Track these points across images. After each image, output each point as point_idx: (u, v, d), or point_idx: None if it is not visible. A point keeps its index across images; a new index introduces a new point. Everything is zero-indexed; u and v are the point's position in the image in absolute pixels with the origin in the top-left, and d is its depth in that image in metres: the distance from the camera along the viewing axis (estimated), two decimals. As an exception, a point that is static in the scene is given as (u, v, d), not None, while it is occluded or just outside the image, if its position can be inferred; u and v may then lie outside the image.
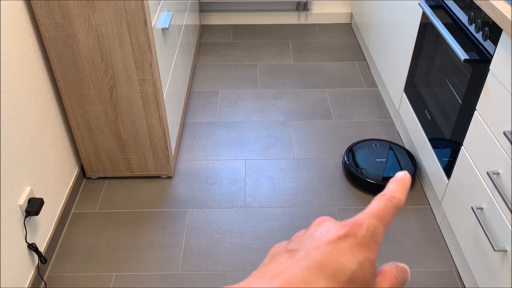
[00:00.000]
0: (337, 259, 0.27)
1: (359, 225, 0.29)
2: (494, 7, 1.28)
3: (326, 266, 0.27)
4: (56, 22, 1.54)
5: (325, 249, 0.27)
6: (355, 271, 0.27)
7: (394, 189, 0.31)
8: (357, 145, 2.10)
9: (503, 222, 1.27)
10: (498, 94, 1.30)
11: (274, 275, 0.27)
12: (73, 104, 1.76)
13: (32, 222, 1.56)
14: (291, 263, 0.27)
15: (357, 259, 0.27)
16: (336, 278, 0.26)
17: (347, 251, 0.27)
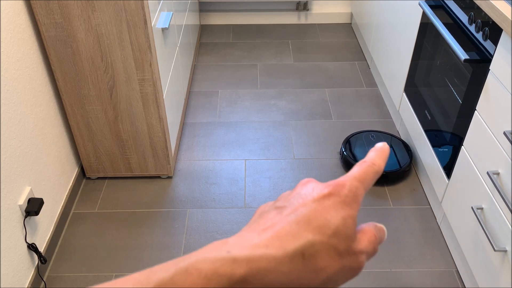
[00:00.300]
0: (323, 215, 0.29)
1: (342, 185, 0.31)
2: (494, 7, 1.28)
3: (312, 221, 0.29)
4: (56, 22, 1.54)
5: (311, 206, 0.30)
6: (339, 226, 0.29)
7: (374, 156, 0.34)
8: (354, 136, 2.17)
9: (503, 222, 1.27)
10: (498, 94, 1.30)
11: (265, 229, 0.29)
12: (73, 104, 1.76)
13: (32, 222, 1.56)
14: (280, 218, 0.29)
15: (341, 215, 0.30)
16: (321, 231, 0.29)
17: (331, 208, 0.30)
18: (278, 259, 0.27)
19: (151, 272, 0.27)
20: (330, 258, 0.29)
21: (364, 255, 0.31)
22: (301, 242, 0.28)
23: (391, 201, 1.92)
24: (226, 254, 0.27)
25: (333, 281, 0.30)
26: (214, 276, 0.26)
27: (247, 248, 0.27)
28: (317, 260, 0.28)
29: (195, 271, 0.26)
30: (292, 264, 0.28)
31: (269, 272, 0.27)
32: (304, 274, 0.28)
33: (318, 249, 0.28)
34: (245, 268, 0.27)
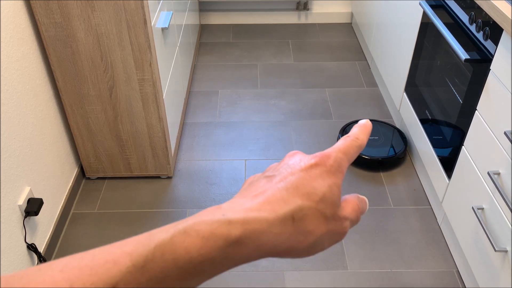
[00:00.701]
0: (310, 183, 0.31)
1: (328, 156, 0.33)
2: (494, 7, 1.28)
3: (300, 188, 0.31)
4: (56, 22, 1.54)
5: (299, 175, 0.32)
6: (325, 193, 0.31)
7: (357, 131, 0.36)
8: (351, 125, 2.23)
9: (504, 222, 1.27)
10: (499, 94, 1.30)
11: (256, 195, 0.31)
12: (72, 104, 1.76)
13: (31, 222, 1.55)
14: (270, 186, 0.32)
15: (327, 183, 0.32)
16: (309, 197, 0.31)
17: (318, 177, 0.32)
18: (270, 221, 0.29)
19: (151, 234, 0.28)
20: (317, 222, 0.31)
21: (348, 222, 0.33)
22: (290, 206, 0.30)
23: (391, 201, 1.92)
24: (221, 216, 0.29)
25: (320, 243, 0.32)
26: (211, 237, 0.28)
27: (241, 211, 0.29)
28: (306, 223, 0.31)
29: (193, 232, 0.28)
30: (282, 226, 0.30)
31: (262, 233, 0.29)
32: (294, 236, 0.30)
33: (307, 213, 0.31)
34: (240, 229, 0.28)
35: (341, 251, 1.72)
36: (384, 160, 2.03)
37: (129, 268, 0.26)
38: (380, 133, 2.17)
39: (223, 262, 0.28)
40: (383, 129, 2.18)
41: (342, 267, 1.66)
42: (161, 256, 0.27)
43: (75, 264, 0.26)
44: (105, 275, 0.26)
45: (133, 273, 0.26)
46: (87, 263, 0.26)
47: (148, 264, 0.26)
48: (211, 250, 0.27)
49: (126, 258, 0.26)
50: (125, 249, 0.27)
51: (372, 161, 2.03)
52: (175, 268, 0.27)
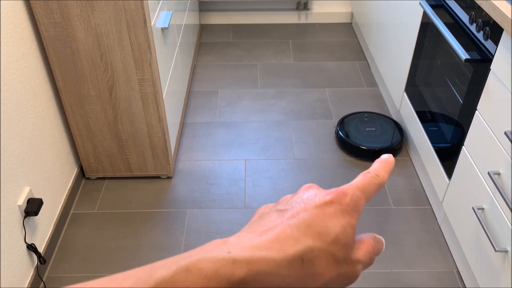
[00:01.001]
0: (323, 222, 0.30)
1: (345, 193, 0.31)
2: (495, 7, 1.28)
3: (313, 227, 0.29)
4: (56, 22, 1.54)
5: (313, 212, 0.30)
6: (338, 234, 0.30)
7: (379, 168, 0.34)
8: (349, 117, 2.29)
9: (504, 222, 1.26)
10: (499, 94, 1.30)
11: (265, 231, 0.30)
12: (72, 104, 1.75)
13: (31, 222, 1.55)
14: (281, 221, 0.30)
15: (341, 224, 0.30)
16: (321, 238, 0.29)
17: (332, 216, 0.30)
18: (278, 262, 0.28)
19: (152, 269, 0.27)
20: (328, 265, 0.30)
21: (361, 265, 0.32)
22: (301, 246, 0.29)
23: (391, 202, 1.91)
24: (226, 254, 0.27)
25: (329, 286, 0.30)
26: (214, 276, 0.27)
27: (247, 249, 0.28)
28: (315, 266, 0.29)
29: (196, 270, 0.27)
30: (291, 268, 0.28)
31: (268, 274, 0.28)
32: (301, 278, 0.29)
33: (317, 254, 0.29)
34: (245, 270, 0.27)
35: (341, 251, 1.71)
36: (381, 150, 2.07)
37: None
38: (377, 124, 2.23)
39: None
40: (380, 121, 2.25)
41: (342, 267, 1.65)
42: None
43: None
44: None
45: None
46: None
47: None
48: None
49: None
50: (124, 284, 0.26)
51: (369, 151, 2.08)
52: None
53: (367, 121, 2.24)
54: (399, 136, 2.15)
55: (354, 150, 2.12)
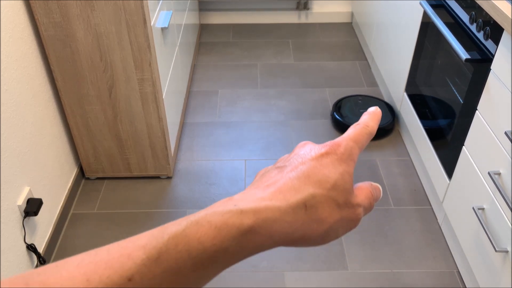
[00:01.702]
0: (321, 171, 0.32)
1: (338, 144, 0.33)
2: (495, 7, 1.28)
3: (312, 177, 0.31)
4: (55, 22, 1.54)
5: (310, 164, 0.32)
6: (337, 180, 0.32)
7: (367, 119, 0.36)
8: (343, 100, 2.40)
9: (505, 222, 1.26)
10: (499, 94, 1.29)
11: (268, 185, 0.31)
12: (72, 104, 1.75)
13: (31, 222, 1.55)
14: (281, 176, 0.32)
15: (338, 171, 0.32)
16: (321, 185, 0.31)
17: (329, 164, 0.32)
18: (282, 209, 0.29)
19: (164, 227, 0.28)
20: (330, 209, 0.31)
21: (361, 208, 0.33)
22: (302, 194, 0.30)
23: (392, 202, 1.91)
24: (233, 207, 0.29)
25: (334, 231, 0.32)
26: (224, 227, 0.28)
27: (252, 201, 0.29)
28: (319, 211, 0.31)
29: (206, 223, 0.28)
30: (295, 215, 0.30)
31: (275, 221, 0.29)
32: (307, 224, 0.30)
33: (319, 200, 0.31)
34: (252, 218, 0.28)
35: (341, 251, 1.71)
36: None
37: (144, 261, 0.26)
38: (369, 106, 2.26)
39: (237, 252, 0.28)
40: (372, 103, 2.39)
41: (342, 267, 1.65)
42: (174, 247, 0.27)
43: (90, 259, 0.27)
44: (120, 269, 0.26)
45: (148, 265, 0.26)
46: (102, 258, 0.27)
47: (162, 256, 0.27)
48: (224, 240, 0.28)
49: (140, 251, 0.27)
50: (138, 243, 0.27)
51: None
52: (189, 258, 0.27)
53: (361, 104, 2.38)
54: (390, 117, 2.26)
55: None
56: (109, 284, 0.25)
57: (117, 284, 0.26)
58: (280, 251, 1.71)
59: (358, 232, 1.79)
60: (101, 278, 0.25)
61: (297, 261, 1.68)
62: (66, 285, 0.25)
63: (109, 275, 0.26)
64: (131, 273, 0.26)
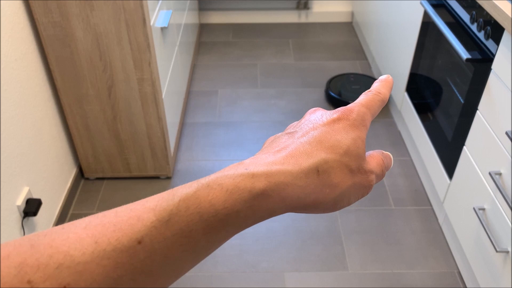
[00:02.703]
0: (334, 136, 0.31)
1: (351, 110, 0.33)
2: (496, 6, 1.27)
3: (324, 142, 0.31)
4: (54, 21, 1.53)
5: (322, 129, 0.32)
6: (350, 146, 0.31)
7: (380, 86, 0.36)
8: (336, 78, 2.54)
9: (505, 222, 1.26)
10: (500, 94, 1.29)
11: (279, 150, 0.31)
12: (71, 104, 1.75)
13: (30, 223, 1.55)
14: (292, 141, 0.31)
15: (351, 136, 0.31)
16: (334, 150, 0.31)
17: (342, 130, 0.32)
18: (294, 173, 0.29)
19: (173, 190, 0.28)
20: (343, 174, 0.31)
21: (374, 175, 0.33)
22: (315, 159, 0.30)
23: (392, 202, 1.91)
24: (244, 170, 0.28)
25: (346, 196, 0.31)
26: (235, 190, 0.27)
27: (264, 165, 0.29)
28: (331, 176, 0.30)
29: (217, 186, 0.27)
30: (307, 179, 0.29)
31: (287, 185, 0.29)
32: (319, 189, 0.30)
33: (331, 165, 0.30)
34: (264, 182, 0.28)
35: (341, 252, 1.71)
36: None
37: (154, 223, 0.26)
38: (361, 83, 2.50)
39: (248, 215, 0.28)
40: (364, 79, 2.53)
41: (342, 268, 1.65)
42: (185, 209, 0.26)
43: (98, 221, 0.26)
44: (130, 231, 0.25)
45: (158, 227, 0.26)
46: (110, 220, 0.26)
47: (173, 218, 0.26)
48: (235, 203, 0.27)
49: (150, 213, 0.26)
50: (147, 205, 0.27)
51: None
52: (200, 221, 0.26)
53: (353, 81, 2.52)
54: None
55: (341, 104, 2.26)
56: (118, 246, 0.25)
57: (126, 246, 0.25)
58: (280, 251, 1.71)
59: (359, 233, 1.78)
60: (110, 240, 0.25)
61: (297, 261, 1.67)
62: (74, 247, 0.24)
63: (118, 237, 0.25)
64: (141, 235, 0.25)
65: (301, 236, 1.77)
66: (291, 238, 1.76)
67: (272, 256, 1.69)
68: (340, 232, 1.78)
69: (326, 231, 1.79)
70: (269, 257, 1.69)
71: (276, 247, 1.73)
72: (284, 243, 1.74)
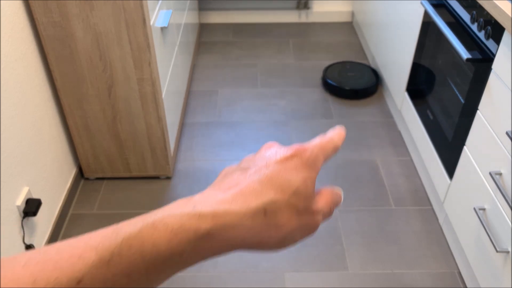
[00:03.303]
0: (285, 175, 0.31)
1: (305, 149, 0.33)
2: (496, 6, 1.27)
3: (274, 181, 0.31)
4: (54, 21, 1.53)
5: (274, 167, 0.32)
6: (299, 186, 0.31)
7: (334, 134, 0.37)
8: (332, 66, 2.68)
9: (506, 222, 1.26)
10: (500, 93, 1.29)
11: (229, 187, 0.31)
12: (71, 104, 1.75)
13: (30, 223, 1.55)
14: (244, 177, 0.31)
15: (301, 176, 0.32)
16: (283, 190, 0.31)
17: (293, 169, 0.32)
18: (242, 214, 0.29)
19: (118, 227, 0.27)
20: (289, 215, 0.31)
21: (321, 215, 0.33)
22: (263, 199, 0.30)
23: (392, 202, 1.91)
24: (192, 209, 0.28)
25: (291, 237, 0.32)
26: (180, 230, 0.27)
27: (212, 204, 0.29)
28: (278, 217, 0.30)
29: (162, 225, 0.27)
30: (254, 220, 0.29)
31: (233, 227, 0.29)
32: (265, 229, 0.30)
33: (279, 206, 0.30)
34: (210, 223, 0.28)
35: (342, 252, 1.71)
36: (360, 90, 2.49)
37: (95, 263, 0.25)
38: (357, 70, 2.64)
39: (192, 256, 0.28)
40: (359, 67, 2.66)
41: (343, 268, 1.65)
42: (128, 249, 0.26)
43: (39, 258, 0.25)
44: (70, 270, 0.25)
45: (99, 267, 0.26)
46: (51, 257, 0.25)
47: (115, 258, 0.26)
48: (180, 243, 0.27)
49: (92, 252, 0.26)
50: (91, 243, 0.26)
51: (352, 91, 2.49)
52: (142, 262, 0.26)
53: (348, 68, 2.65)
54: (374, 80, 2.54)
55: (338, 91, 2.53)
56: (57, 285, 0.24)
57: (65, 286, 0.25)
58: (280, 251, 1.71)
59: (359, 233, 1.78)
60: (49, 280, 0.24)
61: (297, 261, 1.67)
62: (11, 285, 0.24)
63: (57, 277, 0.25)
64: (81, 275, 0.25)
65: (301, 236, 1.77)
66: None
67: (272, 256, 1.69)
68: (340, 232, 1.78)
69: (326, 231, 1.78)
70: (269, 257, 1.69)
71: (276, 247, 1.73)
72: (284, 243, 1.74)
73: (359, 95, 2.50)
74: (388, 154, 2.15)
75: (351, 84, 2.51)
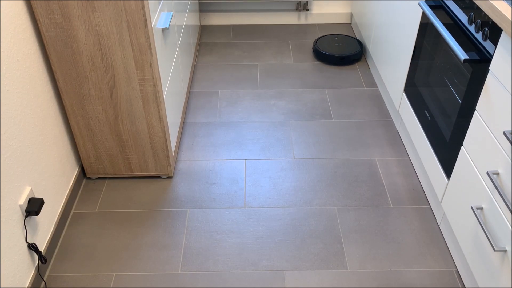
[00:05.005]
0: None
1: None
2: (494, 7, 1.28)
3: None
4: (56, 22, 1.54)
5: None
6: None
7: None
8: (322, 38, 3.04)
9: (503, 222, 1.27)
10: (498, 94, 1.30)
11: None
12: (73, 104, 1.76)
13: (32, 222, 1.56)
14: None
15: None
16: None
17: None
18: None
19: None
20: None
21: None
22: None
23: (391, 201, 1.92)
24: None
25: None
26: None
27: None
28: None
29: None
30: None
31: None
32: None
33: None
34: None
35: (340, 250, 1.72)
36: (345, 57, 2.83)
37: None
38: (344, 41, 2.99)
39: None
40: (346, 39, 3.02)
41: (341, 266, 1.66)
42: None
43: None
44: None
45: None
46: None
47: None
48: None
49: None
50: None
51: (338, 57, 2.84)
52: None
53: (337, 39, 3.01)
54: (359, 47, 2.90)
55: (327, 58, 2.86)
56: None
57: None
58: (280, 250, 1.72)
59: (357, 232, 1.80)
60: None
61: (296, 260, 1.69)
62: None
63: None
64: None
65: (300, 234, 1.78)
66: (290, 236, 1.77)
67: (272, 255, 1.71)
68: (339, 231, 1.80)
69: (326, 230, 1.80)
70: (269, 256, 1.70)
71: (276, 246, 1.74)
72: (284, 241, 1.76)
73: (345, 61, 2.85)
74: (387, 154, 2.17)
75: (338, 52, 2.87)
